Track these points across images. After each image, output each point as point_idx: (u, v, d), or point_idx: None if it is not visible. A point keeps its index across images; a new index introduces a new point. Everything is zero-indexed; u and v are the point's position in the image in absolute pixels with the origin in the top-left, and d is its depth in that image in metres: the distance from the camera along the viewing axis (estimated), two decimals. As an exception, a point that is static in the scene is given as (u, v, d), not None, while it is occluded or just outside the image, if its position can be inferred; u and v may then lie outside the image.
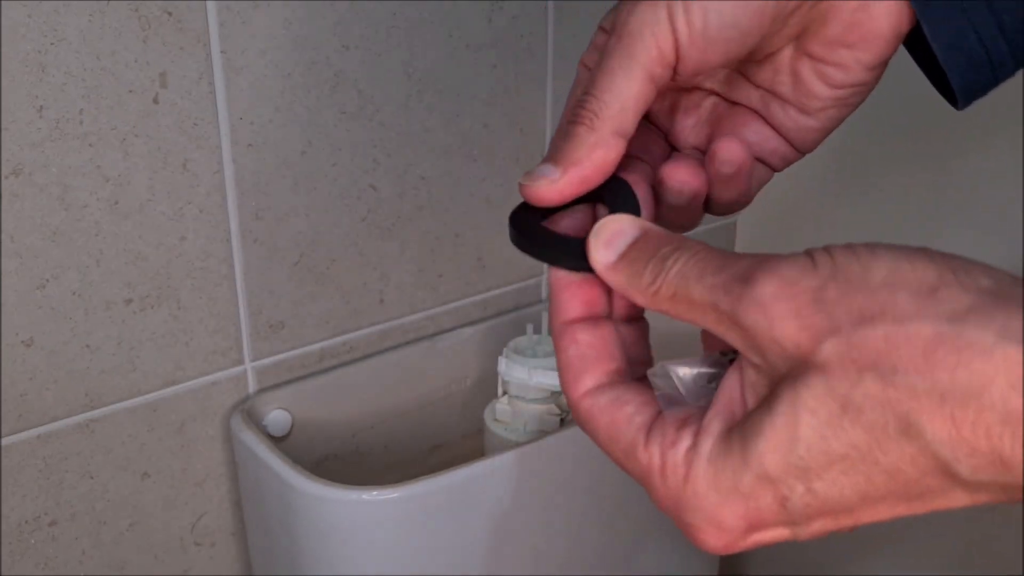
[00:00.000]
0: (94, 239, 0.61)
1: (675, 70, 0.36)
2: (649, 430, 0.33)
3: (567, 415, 0.72)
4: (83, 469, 0.66)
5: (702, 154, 0.42)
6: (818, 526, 0.30)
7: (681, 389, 0.33)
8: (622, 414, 0.33)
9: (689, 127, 0.42)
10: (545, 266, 0.39)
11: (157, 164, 0.61)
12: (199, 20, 0.60)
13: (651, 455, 0.32)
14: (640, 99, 0.35)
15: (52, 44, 0.56)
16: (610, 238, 0.34)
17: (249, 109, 0.63)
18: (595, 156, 0.35)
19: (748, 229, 0.93)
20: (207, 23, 0.60)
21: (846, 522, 0.30)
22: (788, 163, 0.42)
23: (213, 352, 0.68)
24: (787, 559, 0.97)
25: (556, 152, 0.36)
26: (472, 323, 0.79)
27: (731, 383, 0.31)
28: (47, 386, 0.62)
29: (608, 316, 0.36)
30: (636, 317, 0.37)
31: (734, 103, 0.41)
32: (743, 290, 0.30)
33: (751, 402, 0.31)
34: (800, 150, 0.42)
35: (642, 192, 0.38)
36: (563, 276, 0.35)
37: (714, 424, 0.31)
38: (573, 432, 0.68)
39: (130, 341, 0.64)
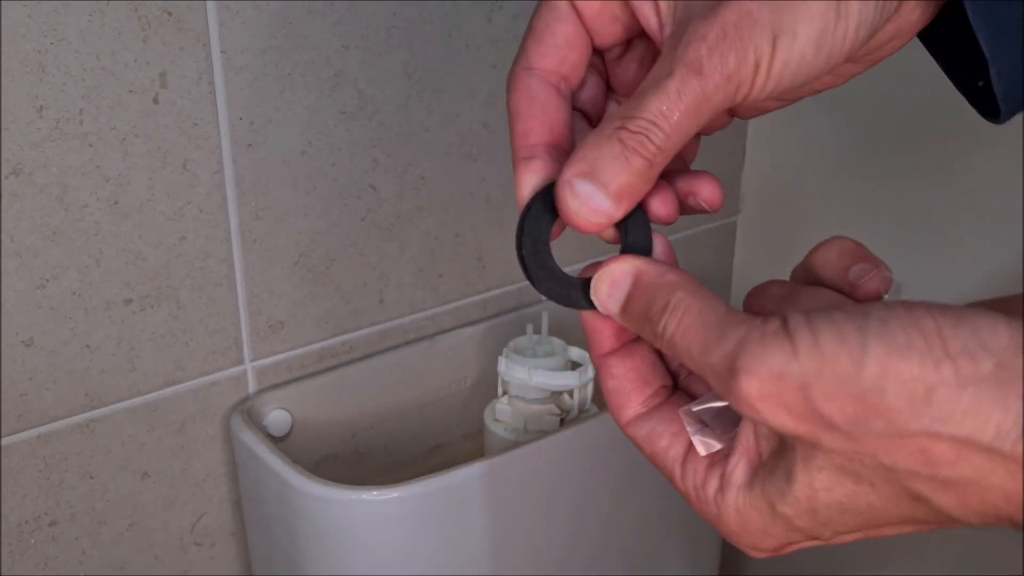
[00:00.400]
0: (94, 239, 0.61)
1: None
2: (683, 464, 0.35)
3: (567, 415, 0.72)
4: (83, 469, 0.66)
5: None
6: (849, 538, 0.33)
7: (708, 424, 0.35)
8: (658, 448, 0.36)
9: (631, 73, 0.40)
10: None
11: (157, 164, 0.61)
12: (199, 20, 0.60)
13: (687, 488, 0.35)
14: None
15: (52, 44, 0.56)
16: (609, 291, 0.34)
17: (249, 109, 0.63)
18: (645, 190, 0.34)
19: (749, 229, 0.93)
20: (207, 23, 0.60)
21: (874, 535, 0.32)
22: (715, 131, 0.41)
23: (213, 352, 0.68)
24: (787, 559, 0.97)
25: (610, 179, 0.33)
26: (472, 323, 0.79)
27: (747, 429, 0.33)
28: (47, 386, 0.62)
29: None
30: None
31: None
32: (728, 384, 0.30)
33: (764, 450, 0.32)
34: (736, 117, 0.40)
35: None
36: (589, 315, 0.36)
37: (736, 473, 0.33)
38: (573, 432, 0.68)
39: (130, 341, 0.64)
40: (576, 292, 0.36)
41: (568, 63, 0.37)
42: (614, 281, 0.34)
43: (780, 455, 0.31)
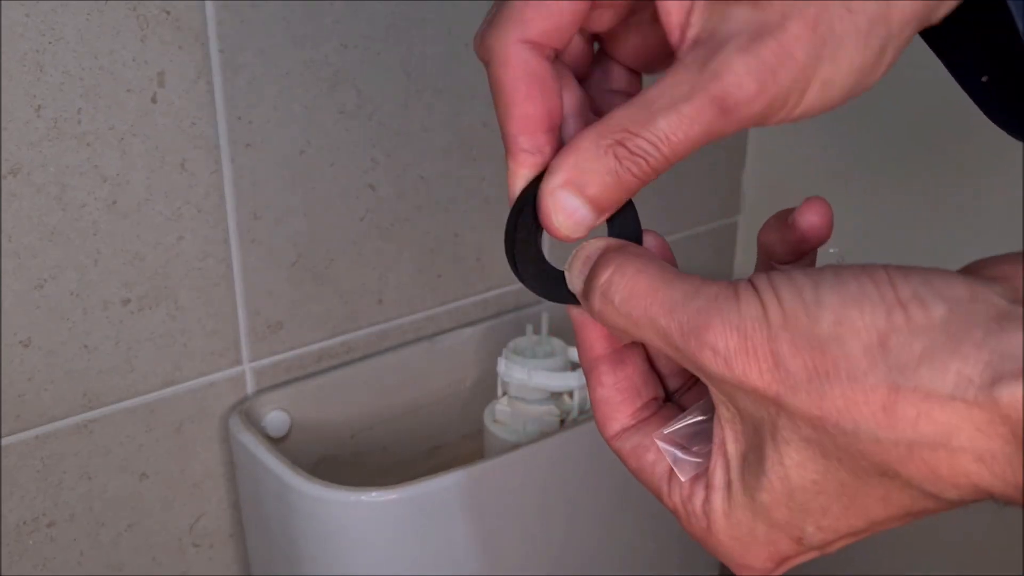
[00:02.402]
0: (92, 239, 0.61)
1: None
2: (670, 480, 0.34)
3: (567, 416, 0.72)
4: (81, 470, 0.65)
5: (632, 73, 0.37)
6: (841, 543, 0.31)
7: (685, 445, 0.34)
8: (645, 462, 0.34)
9: (628, 41, 0.37)
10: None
11: (155, 164, 0.61)
12: (197, 19, 0.59)
13: (675, 504, 0.34)
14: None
15: (50, 43, 0.56)
16: (580, 268, 0.33)
17: (247, 108, 0.63)
18: (628, 197, 0.32)
19: (749, 229, 0.93)
20: (205, 22, 0.60)
21: (865, 536, 0.31)
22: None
23: (211, 353, 0.68)
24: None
25: (595, 193, 0.32)
26: (472, 323, 0.79)
27: (718, 428, 0.32)
28: (45, 387, 0.62)
29: (633, 343, 0.36)
30: None
31: None
32: (702, 339, 0.29)
33: (740, 442, 0.31)
34: None
35: None
36: (576, 313, 0.35)
37: (717, 476, 0.32)
38: (573, 433, 0.68)
39: (128, 341, 0.64)
40: (560, 285, 0.34)
41: (560, 32, 0.33)
42: (587, 257, 0.33)
43: (752, 443, 0.30)
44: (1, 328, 0.60)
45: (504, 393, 0.73)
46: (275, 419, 0.71)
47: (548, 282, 0.35)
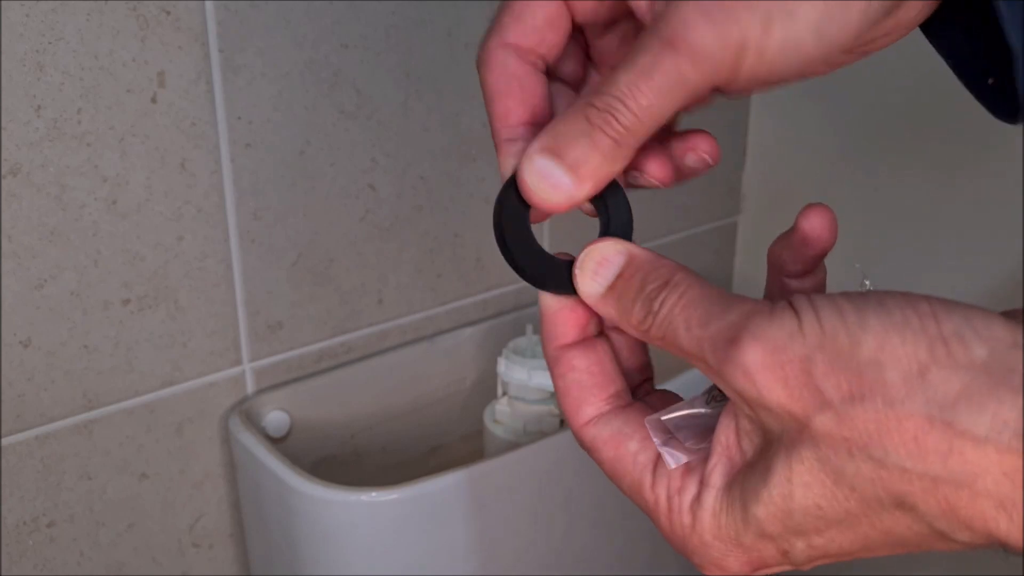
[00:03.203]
0: (92, 239, 0.61)
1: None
2: (655, 470, 0.33)
3: (567, 416, 0.72)
4: (81, 470, 0.65)
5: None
6: (823, 562, 0.31)
7: (678, 436, 0.33)
8: (626, 450, 0.33)
9: (613, 48, 0.38)
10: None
11: (155, 164, 0.61)
12: (197, 19, 0.59)
13: (657, 497, 0.32)
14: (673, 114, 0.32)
15: (50, 43, 0.56)
16: (596, 268, 0.33)
17: (247, 109, 0.63)
18: (614, 170, 0.32)
19: (749, 229, 0.93)
20: (205, 22, 0.60)
21: (847, 559, 0.31)
22: (697, 108, 0.40)
23: (211, 353, 0.68)
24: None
25: (572, 157, 0.32)
26: (471, 323, 0.79)
27: (726, 429, 0.31)
28: (45, 387, 0.62)
29: (600, 332, 0.35)
30: None
31: None
32: (729, 353, 0.29)
33: (748, 450, 0.31)
34: (722, 96, 0.40)
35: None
36: (553, 302, 0.34)
37: (715, 475, 0.31)
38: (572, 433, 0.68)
39: (128, 342, 0.64)
40: (554, 274, 0.34)
41: (547, 43, 0.35)
42: (604, 259, 0.33)
43: (761, 454, 0.30)
44: (1, 328, 0.60)
45: (504, 393, 0.73)
46: (275, 419, 0.71)
47: (537, 266, 0.34)
